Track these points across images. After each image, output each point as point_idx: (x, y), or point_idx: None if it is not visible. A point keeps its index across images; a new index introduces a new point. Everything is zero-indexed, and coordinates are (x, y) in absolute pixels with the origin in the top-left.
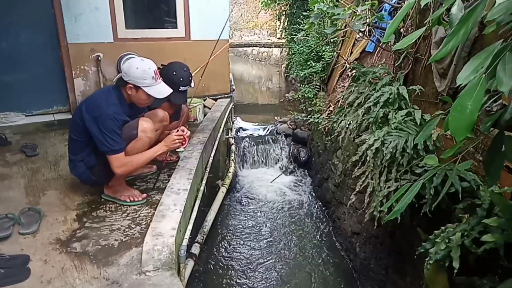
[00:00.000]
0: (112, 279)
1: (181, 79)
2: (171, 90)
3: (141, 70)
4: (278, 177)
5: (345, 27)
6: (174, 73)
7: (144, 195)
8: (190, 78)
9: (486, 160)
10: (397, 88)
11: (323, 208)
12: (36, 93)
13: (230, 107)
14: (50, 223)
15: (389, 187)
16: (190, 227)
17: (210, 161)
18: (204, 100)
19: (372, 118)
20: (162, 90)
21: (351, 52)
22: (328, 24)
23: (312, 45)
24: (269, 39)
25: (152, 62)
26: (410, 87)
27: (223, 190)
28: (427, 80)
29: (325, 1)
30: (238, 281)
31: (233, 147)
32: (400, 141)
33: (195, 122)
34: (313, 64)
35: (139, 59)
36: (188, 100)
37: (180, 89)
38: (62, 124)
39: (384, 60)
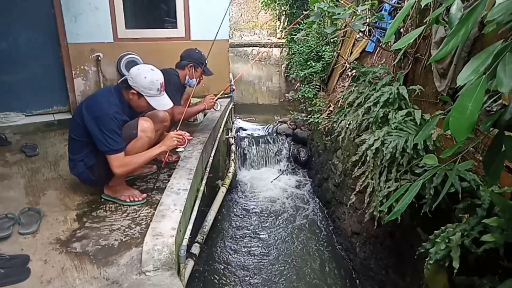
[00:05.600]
0: (112, 279)
1: (203, 54)
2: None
3: (149, 80)
4: (278, 177)
5: (345, 27)
6: (197, 51)
7: (144, 195)
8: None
9: (486, 160)
10: (397, 88)
11: (323, 208)
12: (36, 93)
13: (230, 107)
14: (50, 223)
15: (389, 187)
16: (190, 227)
17: (210, 161)
18: None
19: (372, 118)
20: (164, 102)
21: (351, 52)
22: (328, 24)
23: (312, 45)
24: (269, 39)
25: (160, 74)
26: (410, 87)
27: (223, 190)
28: (427, 80)
29: (325, 1)
30: (238, 281)
31: (233, 147)
32: (400, 141)
33: (195, 122)
34: (313, 64)
35: (149, 68)
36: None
37: (206, 64)
38: (62, 124)
39: (384, 60)
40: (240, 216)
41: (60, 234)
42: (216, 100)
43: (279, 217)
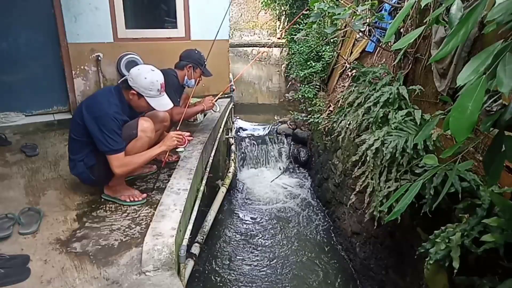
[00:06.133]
0: (112, 279)
1: (202, 55)
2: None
3: (149, 81)
4: (278, 177)
5: (345, 27)
6: (196, 51)
7: (144, 195)
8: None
9: (486, 160)
10: (397, 88)
11: (323, 208)
12: (36, 93)
13: (230, 107)
14: (50, 223)
15: (389, 187)
16: (190, 227)
17: (210, 161)
18: None
19: (372, 118)
20: (164, 103)
21: (351, 52)
22: (328, 24)
23: (312, 45)
24: (269, 39)
25: (161, 74)
26: (410, 87)
27: (223, 190)
28: (427, 80)
29: (325, 1)
30: (238, 281)
31: (233, 147)
32: (400, 141)
33: (195, 122)
34: (313, 64)
35: (149, 69)
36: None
37: (205, 65)
38: (62, 124)
39: (384, 60)
40: (240, 216)
41: (60, 234)
42: (215, 101)
43: (279, 217)
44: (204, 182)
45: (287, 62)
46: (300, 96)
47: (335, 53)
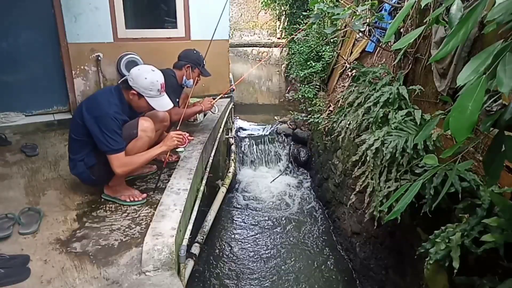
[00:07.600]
0: (112, 279)
1: (201, 55)
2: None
3: (149, 81)
4: (278, 177)
5: (345, 27)
6: (195, 51)
7: (144, 195)
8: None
9: (486, 160)
10: (397, 88)
11: (323, 208)
12: (36, 93)
13: (230, 107)
14: (50, 223)
15: (389, 187)
16: (190, 227)
17: (210, 161)
18: None
19: (372, 118)
20: (164, 103)
21: (351, 52)
22: (328, 24)
23: (312, 45)
24: (269, 39)
25: (161, 75)
26: (410, 87)
27: (223, 190)
28: (427, 80)
29: (325, 1)
30: (237, 281)
31: (233, 147)
32: (400, 141)
33: (195, 122)
34: (313, 64)
35: (150, 69)
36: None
37: (204, 65)
38: (62, 124)
39: (384, 60)
40: (240, 216)
41: (60, 234)
42: (215, 102)
43: (279, 217)
44: (204, 182)
45: (287, 62)
46: (300, 96)
47: (335, 53)
